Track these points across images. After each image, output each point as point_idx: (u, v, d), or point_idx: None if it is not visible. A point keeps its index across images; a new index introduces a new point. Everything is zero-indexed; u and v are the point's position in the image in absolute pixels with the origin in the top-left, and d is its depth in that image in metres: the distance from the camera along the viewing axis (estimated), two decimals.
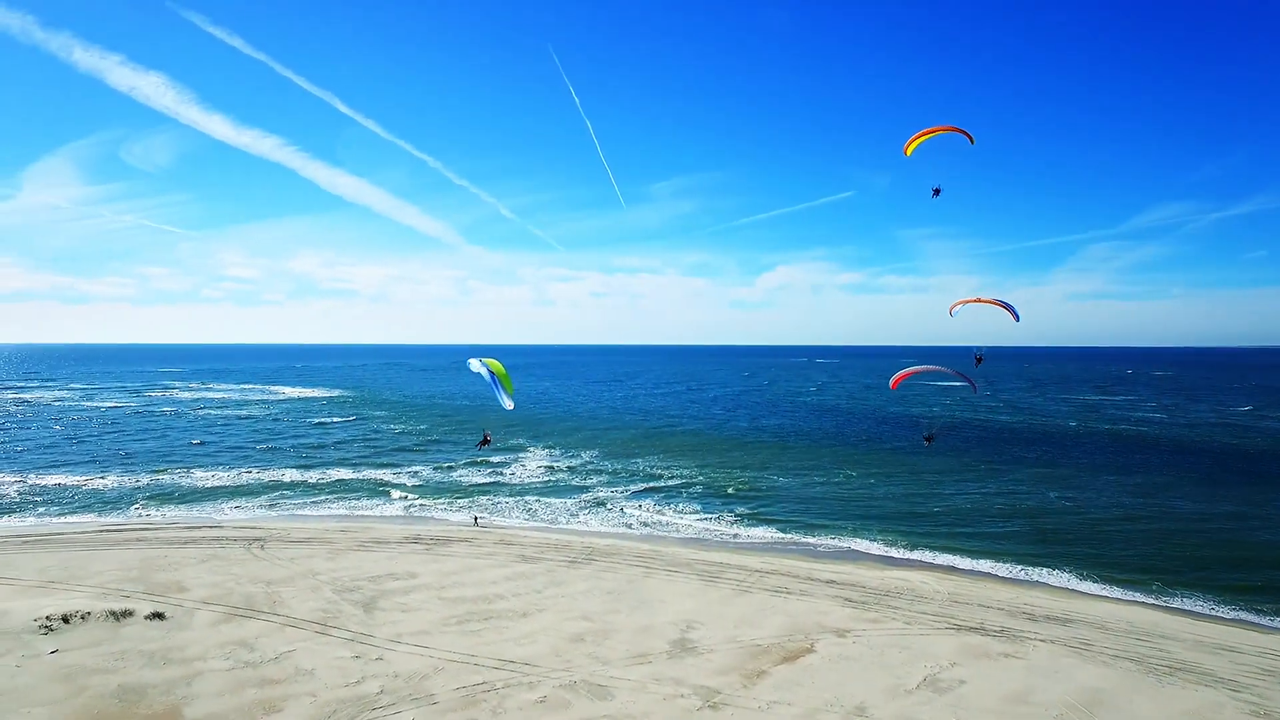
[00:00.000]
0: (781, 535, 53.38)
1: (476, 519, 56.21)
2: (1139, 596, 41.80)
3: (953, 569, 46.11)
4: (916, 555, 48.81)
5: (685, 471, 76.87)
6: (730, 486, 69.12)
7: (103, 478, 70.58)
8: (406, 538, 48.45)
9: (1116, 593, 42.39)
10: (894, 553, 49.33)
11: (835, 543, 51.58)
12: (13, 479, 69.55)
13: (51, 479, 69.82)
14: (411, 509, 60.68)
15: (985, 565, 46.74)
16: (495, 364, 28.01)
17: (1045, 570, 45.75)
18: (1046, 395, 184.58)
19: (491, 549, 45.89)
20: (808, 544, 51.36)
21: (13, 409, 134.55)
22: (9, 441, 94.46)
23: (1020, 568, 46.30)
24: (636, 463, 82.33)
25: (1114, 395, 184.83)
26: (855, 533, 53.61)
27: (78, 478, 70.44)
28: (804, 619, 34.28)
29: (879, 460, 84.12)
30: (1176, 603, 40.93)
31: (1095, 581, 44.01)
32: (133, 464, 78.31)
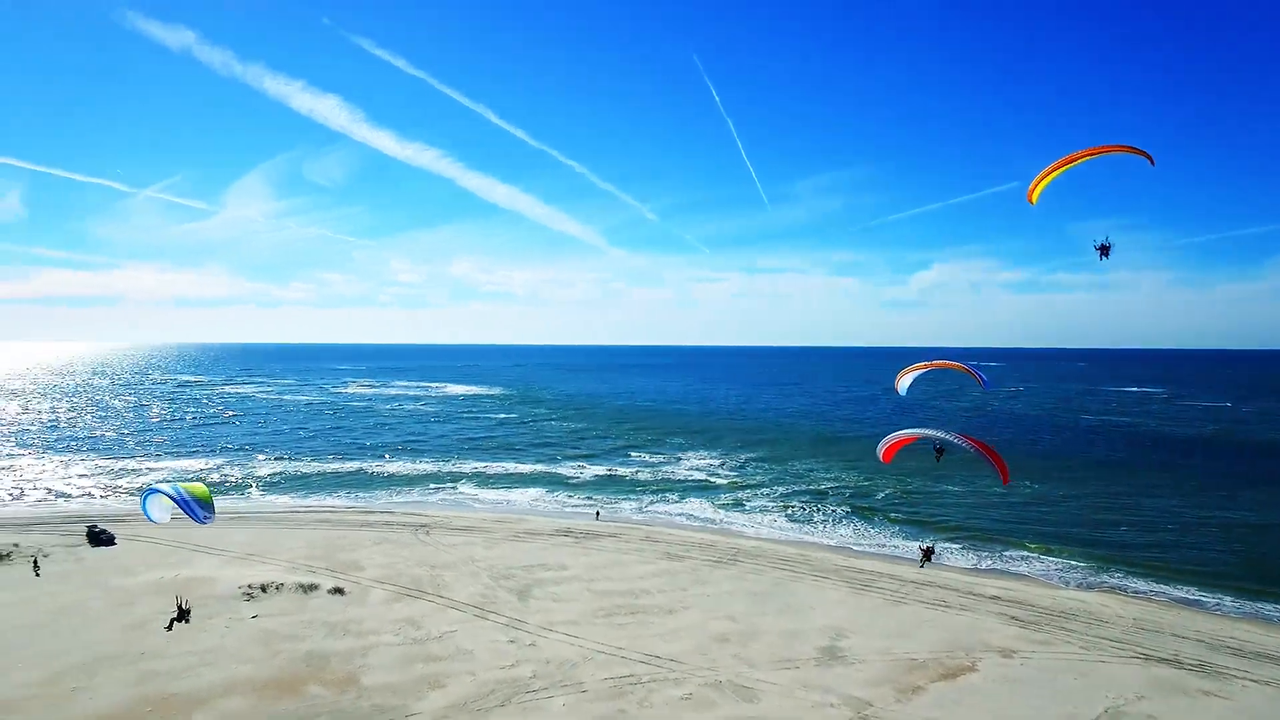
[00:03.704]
0: (942, 547, 50.27)
1: (599, 513, 57.44)
2: None
3: (1140, 593, 41.54)
4: (1096, 575, 44.42)
5: (840, 476, 74.48)
6: (887, 493, 66.21)
7: (294, 464, 78.59)
8: (557, 530, 50.22)
9: None
10: (1069, 571, 45.19)
11: (1001, 557, 48.00)
12: (222, 463, 79.02)
13: (252, 463, 78.64)
14: (563, 503, 62.84)
15: (1182, 591, 41.62)
16: (194, 486, 22.47)
17: (1262, 604, 39.91)
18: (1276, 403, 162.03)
19: (639, 545, 46.60)
20: (969, 556, 48.15)
21: (226, 403, 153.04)
22: (221, 431, 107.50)
23: (1227, 597, 40.79)
24: (791, 465, 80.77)
25: None
26: (1026, 547, 49.64)
27: (274, 463, 78.89)
28: (964, 635, 32.15)
29: (1066, 473, 77.13)
30: None
31: None
32: (318, 452, 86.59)
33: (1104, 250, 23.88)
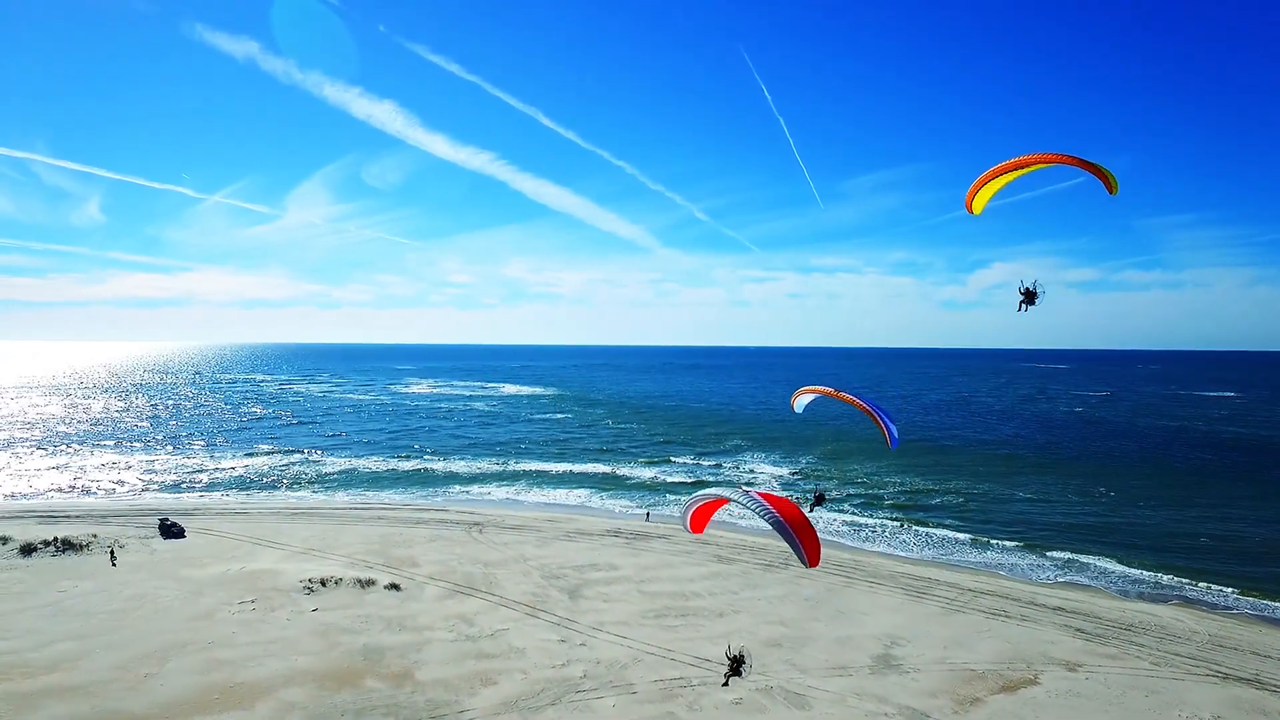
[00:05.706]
0: (1003, 555, 48.87)
1: (649, 515, 57.37)
2: None
3: (1218, 607, 39.54)
4: (1170, 588, 42.48)
5: (898, 481, 72.94)
6: (946, 499, 64.61)
7: (354, 461, 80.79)
8: (608, 530, 50.38)
9: None
10: (1140, 582, 43.32)
11: (1065, 566, 46.31)
12: (289, 460, 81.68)
13: (315, 461, 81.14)
14: (614, 504, 63.01)
15: (1267, 608, 39.41)
16: None
17: None
18: None
19: (689, 546, 46.41)
20: (1033, 565, 46.56)
21: (293, 402, 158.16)
22: (287, 429, 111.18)
23: None
24: (847, 470, 79.42)
25: None
26: (1094, 557, 47.74)
27: (336, 461, 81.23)
28: (1026, 647, 31.09)
29: (1143, 480, 74.14)
30: None
31: None
32: (378, 451, 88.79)
33: (1028, 296, 18.83)
